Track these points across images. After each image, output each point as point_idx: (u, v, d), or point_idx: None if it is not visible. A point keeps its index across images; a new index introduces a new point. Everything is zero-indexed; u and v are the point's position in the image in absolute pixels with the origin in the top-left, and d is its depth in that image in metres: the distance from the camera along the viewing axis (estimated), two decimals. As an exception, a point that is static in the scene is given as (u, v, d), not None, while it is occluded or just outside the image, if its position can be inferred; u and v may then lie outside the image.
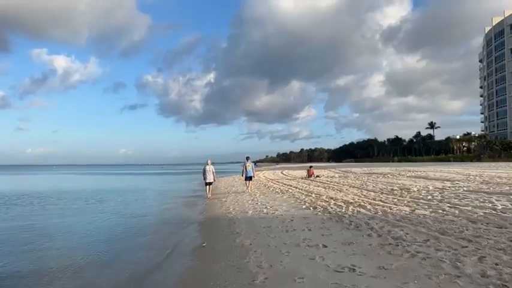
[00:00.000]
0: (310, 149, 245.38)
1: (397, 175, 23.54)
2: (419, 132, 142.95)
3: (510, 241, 5.57)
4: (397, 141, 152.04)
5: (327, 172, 34.42)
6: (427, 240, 5.91)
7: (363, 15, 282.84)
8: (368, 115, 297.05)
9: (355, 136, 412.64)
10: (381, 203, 10.63)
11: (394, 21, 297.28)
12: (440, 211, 8.57)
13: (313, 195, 13.85)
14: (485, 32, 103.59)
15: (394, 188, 14.94)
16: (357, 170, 37.96)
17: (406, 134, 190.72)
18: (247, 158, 17.70)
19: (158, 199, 18.70)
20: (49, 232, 9.77)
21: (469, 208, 8.72)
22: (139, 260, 6.62)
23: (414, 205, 9.84)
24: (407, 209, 9.28)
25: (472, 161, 69.62)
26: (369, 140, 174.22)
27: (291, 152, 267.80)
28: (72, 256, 6.93)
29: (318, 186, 18.15)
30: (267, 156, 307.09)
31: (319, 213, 9.51)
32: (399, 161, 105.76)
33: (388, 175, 24.04)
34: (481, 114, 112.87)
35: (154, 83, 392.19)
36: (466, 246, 5.37)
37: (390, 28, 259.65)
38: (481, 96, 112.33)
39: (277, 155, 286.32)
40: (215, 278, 4.98)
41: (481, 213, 7.96)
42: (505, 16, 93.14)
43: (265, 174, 37.06)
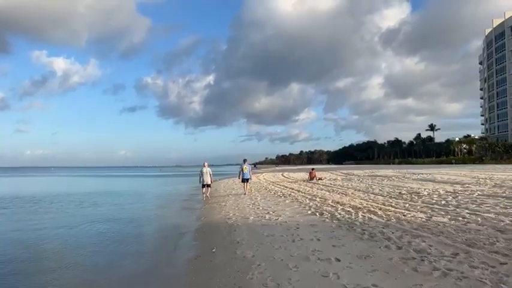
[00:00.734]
0: (309, 151, 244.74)
1: (402, 178, 22.80)
2: (419, 134, 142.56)
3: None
4: (397, 143, 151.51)
5: (328, 174, 33.66)
6: (456, 254, 5.16)
7: (362, 18, 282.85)
8: (367, 117, 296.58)
9: (354, 138, 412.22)
10: (392, 209, 9.89)
11: (393, 24, 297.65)
12: (460, 218, 7.84)
13: (317, 200, 13.10)
14: (486, 34, 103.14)
15: (403, 192, 14.20)
16: (359, 172, 37.21)
17: (405, 136, 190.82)
18: (244, 161, 17.70)
19: (154, 203, 17.94)
20: (27, 242, 8.98)
21: (492, 215, 7.98)
22: (125, 277, 5.87)
23: (429, 211, 9.10)
24: (422, 215, 8.54)
25: (474, 163, 68.89)
26: (368, 142, 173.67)
27: (290, 154, 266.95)
28: (39, 273, 6.12)
29: (322, 190, 17.40)
30: (266, 158, 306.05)
31: (327, 220, 8.77)
32: (399, 163, 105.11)
33: (392, 178, 23.30)
34: (481, 116, 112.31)
35: (154, 84, 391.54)
36: (505, 263, 4.63)
37: (389, 30, 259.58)
38: (481, 98, 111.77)
39: (276, 157, 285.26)
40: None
41: (508, 221, 7.22)
42: (506, 18, 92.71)
43: (265, 177, 36.28)
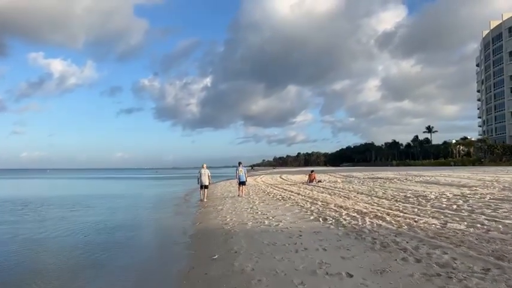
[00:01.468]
0: (307, 153, 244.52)
1: (404, 180, 22.17)
2: (416, 136, 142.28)
3: None
4: (394, 145, 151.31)
5: (327, 177, 32.99)
6: (487, 269, 4.49)
7: (358, 21, 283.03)
8: (364, 119, 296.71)
9: (351, 140, 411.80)
10: (400, 214, 9.23)
11: (389, 27, 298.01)
12: (479, 225, 7.18)
13: (319, 203, 12.43)
14: (483, 36, 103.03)
15: (408, 195, 13.55)
16: (358, 174, 36.57)
17: (401, 139, 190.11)
18: (239, 163, 17.64)
19: (148, 206, 17.21)
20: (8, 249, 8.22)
21: (513, 221, 7.34)
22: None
23: (442, 217, 8.44)
24: (436, 221, 7.88)
25: (473, 165, 68.47)
26: (366, 144, 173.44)
27: (287, 156, 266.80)
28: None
29: (323, 193, 16.74)
30: (263, 160, 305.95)
31: (332, 227, 8.09)
32: (397, 165, 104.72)
33: (394, 180, 22.66)
34: (479, 118, 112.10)
35: (151, 86, 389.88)
36: (548, 282, 3.96)
37: (385, 33, 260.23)
38: (479, 100, 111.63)
39: (273, 159, 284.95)
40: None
41: (533, 229, 6.58)
42: (503, 19, 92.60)
43: (263, 179, 35.59)
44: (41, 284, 5.52)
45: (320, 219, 9.14)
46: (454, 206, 9.87)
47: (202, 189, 16.91)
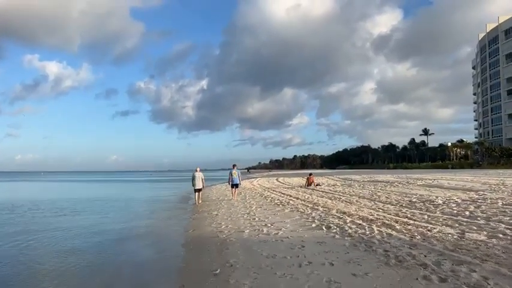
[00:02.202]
0: (303, 155, 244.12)
1: (406, 184, 21.49)
2: (413, 139, 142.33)
3: None
4: (391, 148, 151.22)
5: (326, 180, 32.29)
6: (530, 293, 3.80)
7: (354, 24, 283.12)
8: (359, 122, 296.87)
9: (347, 143, 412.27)
10: (410, 221, 8.53)
11: (384, 30, 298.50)
12: (501, 235, 6.49)
13: (320, 209, 11.71)
14: (479, 39, 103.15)
15: (413, 200, 12.87)
16: (356, 177, 35.89)
17: (397, 141, 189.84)
18: (233, 166, 17.58)
19: (139, 211, 16.40)
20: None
21: (538, 231, 6.65)
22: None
23: (456, 225, 7.75)
24: (451, 231, 7.18)
25: (471, 167, 68.09)
26: (362, 147, 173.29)
27: (283, 159, 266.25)
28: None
29: (322, 197, 16.02)
30: (259, 162, 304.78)
31: (337, 236, 7.37)
32: (395, 167, 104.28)
33: (395, 184, 21.99)
34: (475, 121, 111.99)
35: (147, 89, 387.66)
36: None
37: (381, 37, 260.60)
38: (475, 103, 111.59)
39: (269, 162, 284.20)
40: None
41: None
42: (499, 22, 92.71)
43: (259, 182, 34.82)
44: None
45: (323, 227, 8.42)
46: (467, 213, 9.19)
47: (196, 193, 17.10)
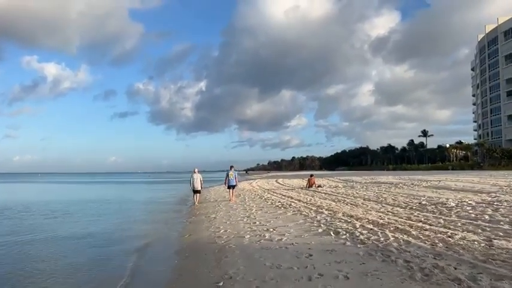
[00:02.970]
0: (301, 157, 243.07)
1: (411, 185, 20.78)
2: (412, 140, 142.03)
3: None
4: (390, 149, 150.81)
5: (326, 181, 31.56)
6: None
7: (352, 26, 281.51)
8: (358, 124, 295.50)
9: (345, 144, 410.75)
10: (426, 226, 7.80)
11: (382, 32, 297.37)
12: (535, 243, 5.78)
13: (325, 212, 10.98)
14: (478, 40, 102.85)
15: (423, 202, 12.15)
16: (357, 178, 35.18)
17: (395, 143, 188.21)
18: (230, 167, 17.55)
19: (133, 214, 15.66)
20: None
21: None
22: None
23: (479, 230, 7.03)
24: (475, 237, 6.46)
25: (472, 169, 67.49)
26: (361, 148, 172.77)
27: (282, 160, 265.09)
28: None
29: (325, 199, 15.29)
30: (258, 164, 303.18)
31: (348, 243, 6.64)
32: (394, 169, 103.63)
33: (400, 185, 21.27)
34: (474, 122, 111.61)
35: (145, 90, 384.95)
36: None
37: (379, 39, 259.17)
38: (474, 104, 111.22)
39: (268, 163, 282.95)
40: None
41: None
42: (499, 23, 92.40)
43: (259, 184, 34.08)
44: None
45: (331, 233, 7.69)
46: (486, 216, 8.48)
47: (195, 194, 17.05)
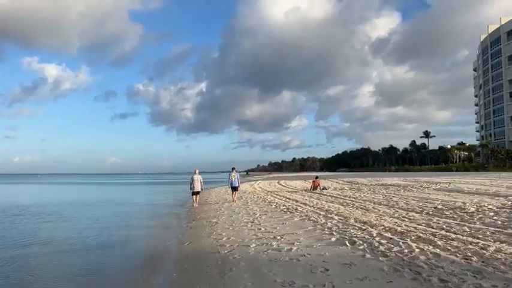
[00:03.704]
0: (302, 158, 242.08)
1: (420, 188, 19.98)
2: (414, 141, 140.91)
3: None
4: (391, 150, 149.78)
5: (330, 183, 30.75)
6: None
7: (352, 27, 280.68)
8: (358, 125, 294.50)
9: (346, 145, 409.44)
10: (451, 235, 7.04)
11: (383, 33, 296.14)
12: None
13: (335, 217, 10.22)
14: (481, 40, 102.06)
15: (439, 207, 11.38)
16: (362, 180, 34.36)
17: (395, 144, 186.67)
18: (232, 169, 17.46)
19: (130, 218, 14.87)
20: None
21: None
22: None
23: (514, 241, 6.28)
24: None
25: (477, 170, 66.64)
26: (362, 149, 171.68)
27: (282, 161, 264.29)
28: None
29: (333, 203, 14.53)
30: (258, 165, 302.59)
31: (368, 256, 5.88)
32: (396, 170, 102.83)
33: (408, 188, 20.48)
34: (476, 123, 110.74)
35: (146, 91, 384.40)
36: None
37: (379, 40, 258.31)
38: (476, 105, 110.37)
39: (268, 164, 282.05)
40: None
41: None
42: (502, 23, 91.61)
43: (260, 185, 33.30)
44: None
45: (346, 242, 6.92)
46: (515, 224, 7.73)
47: (194, 195, 16.89)
